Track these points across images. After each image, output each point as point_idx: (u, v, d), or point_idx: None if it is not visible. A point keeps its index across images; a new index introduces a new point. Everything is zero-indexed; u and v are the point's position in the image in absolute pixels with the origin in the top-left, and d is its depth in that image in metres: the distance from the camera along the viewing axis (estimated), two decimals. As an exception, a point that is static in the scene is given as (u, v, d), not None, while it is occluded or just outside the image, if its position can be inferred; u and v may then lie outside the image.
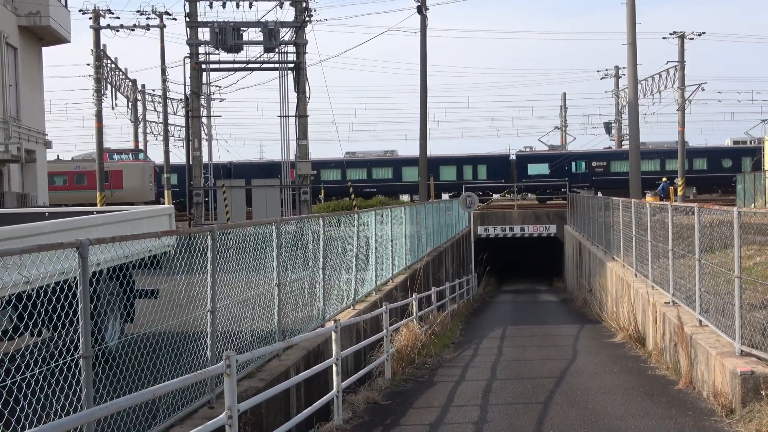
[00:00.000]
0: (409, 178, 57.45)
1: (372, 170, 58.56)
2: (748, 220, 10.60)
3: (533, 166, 58.58)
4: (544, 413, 10.63)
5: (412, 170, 57.17)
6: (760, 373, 9.29)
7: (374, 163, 59.22)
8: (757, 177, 42.10)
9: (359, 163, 58.82)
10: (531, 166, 58.49)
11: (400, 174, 58.62)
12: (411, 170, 57.39)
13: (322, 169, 57.55)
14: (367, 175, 58.56)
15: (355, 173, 57.66)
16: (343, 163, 56.99)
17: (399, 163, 59.23)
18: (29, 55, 30.36)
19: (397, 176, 58.53)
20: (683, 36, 51.56)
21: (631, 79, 34.94)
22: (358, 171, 58.15)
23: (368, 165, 58.71)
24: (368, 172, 58.64)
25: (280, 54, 32.55)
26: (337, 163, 57.97)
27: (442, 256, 28.95)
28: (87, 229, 9.68)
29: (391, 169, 58.90)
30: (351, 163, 58.15)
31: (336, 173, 58.04)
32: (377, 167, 59.07)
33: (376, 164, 59.27)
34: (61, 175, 49.55)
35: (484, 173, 58.06)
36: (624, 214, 20.79)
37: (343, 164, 56.63)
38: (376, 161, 59.55)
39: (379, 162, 59.49)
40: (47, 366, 5.88)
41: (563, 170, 56.94)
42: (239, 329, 9.15)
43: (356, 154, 60.95)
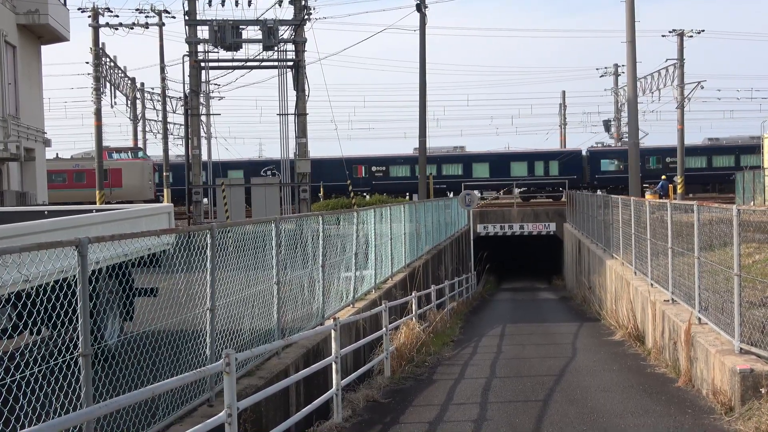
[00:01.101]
0: (479, 174, 57.08)
1: (442, 166, 57.68)
2: (747, 217, 10.61)
3: (606, 162, 57.90)
4: (543, 411, 10.64)
5: (482, 166, 56.80)
6: (759, 370, 9.29)
7: (444, 160, 58.45)
8: (756, 175, 42.11)
9: (429, 159, 58.18)
10: (604, 162, 57.82)
11: (470, 170, 57.85)
12: (481, 166, 57.13)
13: (391, 166, 57.40)
14: (437, 172, 57.53)
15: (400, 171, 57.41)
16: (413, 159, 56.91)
17: (469, 159, 58.60)
18: (28, 54, 30.35)
19: (467, 173, 57.68)
20: (682, 34, 51.56)
21: (631, 77, 34.90)
22: (428, 167, 57.71)
23: (438, 161, 57.84)
24: (438, 169, 57.68)
25: (279, 52, 32.56)
26: (406, 159, 57.69)
27: (441, 255, 28.95)
28: (86, 227, 9.68)
29: (461, 166, 58.17)
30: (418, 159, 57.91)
31: (405, 169, 57.67)
32: (447, 163, 58.29)
33: (446, 160, 58.49)
34: (60, 174, 49.53)
35: (555, 169, 57.40)
36: (623, 212, 20.79)
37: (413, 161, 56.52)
38: (446, 157, 58.76)
39: (449, 158, 58.72)
40: (46, 364, 5.88)
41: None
42: (238, 327, 9.15)
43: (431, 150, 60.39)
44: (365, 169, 57.96)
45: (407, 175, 57.25)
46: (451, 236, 34.04)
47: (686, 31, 51.89)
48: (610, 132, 71.21)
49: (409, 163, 57.26)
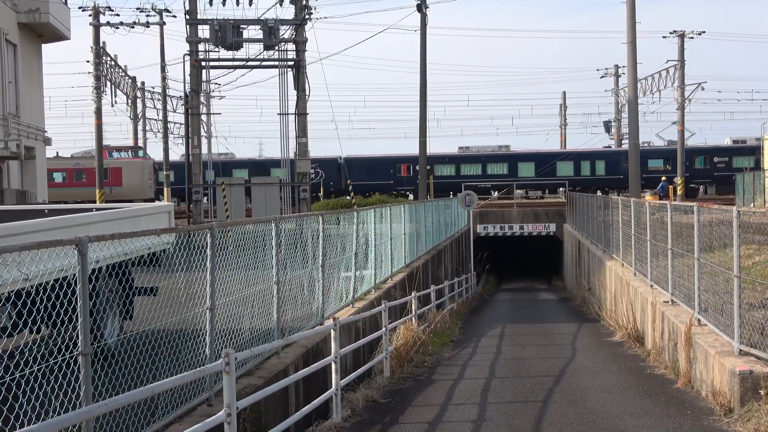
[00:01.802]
0: (524, 173, 56.72)
1: (487, 165, 57.36)
2: (747, 219, 10.60)
3: (653, 161, 57.48)
4: (542, 412, 10.64)
5: (528, 166, 56.51)
6: (758, 372, 9.29)
7: (489, 158, 58.05)
8: (756, 176, 42.11)
9: (473, 158, 57.88)
10: (651, 162, 57.39)
11: (516, 169, 57.48)
12: (527, 166, 56.82)
13: (436, 165, 56.99)
14: (482, 171, 57.35)
15: (469, 168, 57.12)
16: (457, 158, 56.53)
17: (514, 158, 58.18)
18: (29, 52, 30.34)
19: (513, 172, 57.31)
20: (683, 35, 51.57)
21: (631, 78, 34.92)
22: (473, 166, 57.35)
23: (483, 160, 57.61)
24: (483, 168, 57.42)
25: (279, 52, 32.54)
26: (451, 158, 57.45)
27: (441, 255, 28.95)
28: (86, 226, 9.68)
29: (507, 165, 57.77)
30: (465, 158, 57.60)
31: (450, 168, 57.40)
32: (492, 162, 57.87)
33: (491, 159, 58.08)
34: (61, 172, 49.54)
35: (602, 169, 57.04)
36: (623, 213, 20.79)
37: (457, 159, 56.11)
38: (490, 156, 58.34)
39: (493, 157, 58.29)
40: (46, 363, 5.88)
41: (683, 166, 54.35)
42: (238, 327, 9.15)
43: (470, 149, 60.10)
44: (409, 168, 57.52)
45: (452, 174, 56.96)
46: (451, 236, 34.04)
47: (687, 32, 51.92)
48: (611, 133, 71.23)
49: (454, 162, 57.18)
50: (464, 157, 58.00)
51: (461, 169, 56.22)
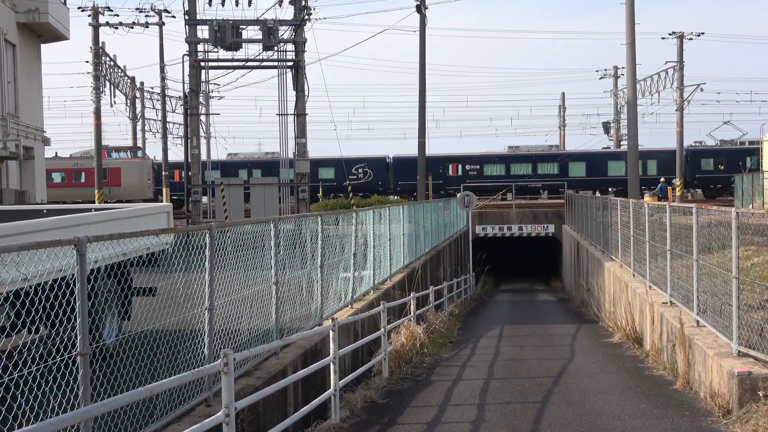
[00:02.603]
0: (575, 173, 56.30)
1: (537, 165, 56.86)
2: (746, 220, 10.61)
3: (706, 161, 56.89)
4: (541, 413, 10.64)
5: (578, 166, 56.13)
6: (757, 373, 9.30)
7: (540, 158, 57.55)
8: (755, 178, 42.11)
9: (524, 158, 57.42)
10: (704, 161, 56.84)
11: (566, 169, 57.04)
12: (578, 166, 56.42)
13: (485, 164, 56.94)
14: (532, 170, 56.91)
15: (519, 168, 56.85)
16: (507, 158, 56.28)
17: (565, 157, 57.82)
18: (28, 52, 30.34)
19: (563, 172, 56.84)
20: (682, 36, 51.61)
21: (630, 79, 34.92)
22: (523, 166, 56.89)
23: (533, 160, 57.19)
24: (533, 167, 56.95)
25: (279, 52, 32.55)
26: (501, 158, 57.31)
27: (440, 256, 28.95)
28: (85, 226, 9.68)
29: (557, 165, 57.27)
30: (515, 158, 57.32)
31: (499, 168, 57.08)
32: (543, 162, 57.37)
33: (542, 159, 57.57)
34: (60, 173, 49.54)
35: (654, 168, 56.43)
36: (622, 214, 20.80)
37: (507, 159, 55.81)
38: (541, 156, 57.87)
39: (544, 157, 57.83)
40: (45, 363, 5.88)
41: (737, 165, 53.79)
42: (237, 327, 9.14)
43: (519, 148, 59.76)
44: (459, 168, 57.33)
45: (501, 174, 56.66)
46: (450, 237, 34.04)
47: (686, 33, 51.97)
48: (610, 134, 71.25)
49: (504, 161, 56.88)
50: (514, 156, 57.48)
51: (511, 169, 55.80)
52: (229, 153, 60.75)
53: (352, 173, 55.56)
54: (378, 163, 57.60)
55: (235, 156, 59.95)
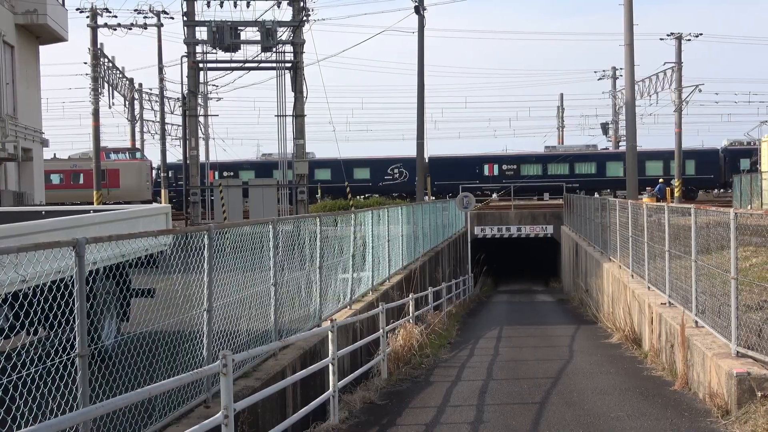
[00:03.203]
0: (613, 173, 55.96)
1: (575, 165, 56.55)
2: (744, 221, 10.61)
3: (745, 160, 56.63)
4: (540, 414, 10.64)
5: (616, 165, 55.71)
6: (755, 374, 9.30)
7: (577, 158, 57.24)
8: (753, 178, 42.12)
9: (561, 158, 57.26)
10: (743, 161, 56.62)
11: (604, 169, 56.83)
12: (615, 165, 56.02)
13: (522, 164, 56.72)
14: (570, 170, 56.69)
15: (556, 168, 56.81)
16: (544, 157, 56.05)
17: (603, 157, 57.59)
18: (26, 54, 30.32)
19: (601, 171, 56.68)
20: (680, 37, 51.62)
21: (629, 80, 34.94)
22: (560, 166, 56.80)
23: (570, 160, 56.93)
24: (570, 167, 56.72)
25: (277, 53, 32.53)
26: (537, 158, 57.18)
27: (438, 257, 28.95)
28: (84, 227, 9.67)
29: (595, 164, 57.08)
30: (552, 157, 57.20)
31: (536, 168, 56.92)
32: (580, 162, 57.06)
33: (579, 159, 57.25)
34: (58, 174, 49.52)
35: (692, 168, 56.26)
36: (620, 215, 20.81)
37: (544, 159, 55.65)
38: (579, 156, 57.52)
39: (581, 156, 57.51)
40: (43, 365, 5.87)
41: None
42: (236, 328, 9.14)
43: (556, 148, 59.68)
44: (496, 168, 57.11)
45: (539, 174, 56.56)
46: (448, 238, 34.04)
47: (684, 34, 51.98)
48: (608, 135, 71.27)
49: (541, 161, 56.76)
50: (551, 156, 57.36)
51: (548, 169, 55.62)
52: (263, 153, 60.44)
53: (387, 173, 55.38)
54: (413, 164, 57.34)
55: (269, 156, 59.64)
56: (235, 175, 56.45)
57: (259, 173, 55.78)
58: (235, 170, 57.18)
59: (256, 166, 58.04)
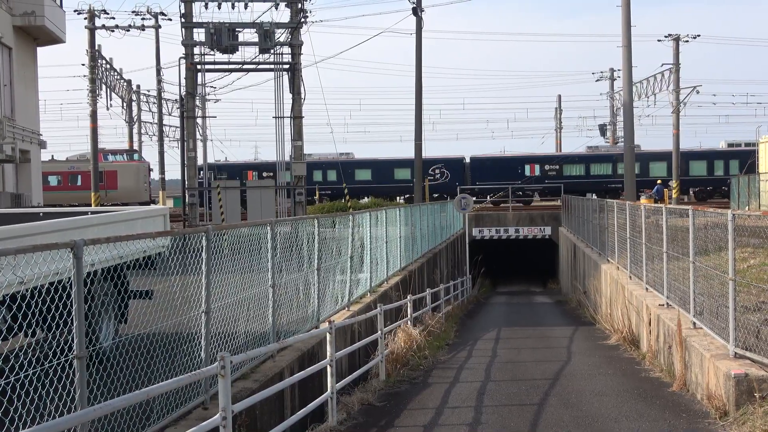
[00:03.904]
0: (656, 173, 55.62)
1: (617, 165, 55.69)
2: (742, 222, 10.62)
3: None
4: (538, 415, 10.64)
5: (659, 165, 55.69)
6: (753, 375, 9.30)
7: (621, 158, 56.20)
8: (751, 180, 42.17)
9: (604, 158, 56.96)
10: None
11: (647, 169, 56.37)
12: (659, 165, 56.02)
13: (564, 164, 56.54)
14: (612, 171, 56.40)
15: (599, 168, 56.60)
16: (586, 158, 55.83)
17: (646, 157, 57.11)
18: (24, 55, 30.30)
19: (644, 171, 55.82)
20: (678, 38, 51.65)
21: (626, 82, 34.95)
22: (603, 166, 56.53)
23: (614, 160, 56.56)
24: (613, 168, 56.38)
25: (275, 55, 32.50)
26: (580, 158, 57.06)
27: (436, 258, 28.95)
28: (81, 229, 9.66)
29: (638, 164, 56.50)
30: (594, 158, 57.02)
31: (579, 168, 56.65)
32: (595, 163, 56.84)
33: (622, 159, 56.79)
34: (56, 176, 49.49)
35: (735, 168, 55.74)
36: (618, 216, 20.82)
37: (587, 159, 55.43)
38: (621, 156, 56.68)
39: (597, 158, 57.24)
40: (41, 366, 5.87)
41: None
42: (234, 330, 9.14)
43: (599, 148, 59.46)
44: (538, 168, 56.90)
45: (581, 174, 56.30)
46: (446, 240, 34.04)
47: (682, 35, 52.00)
48: (606, 136, 71.29)
49: (584, 161, 56.64)
50: (594, 156, 57.23)
51: (591, 169, 55.41)
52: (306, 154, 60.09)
53: (429, 173, 55.21)
54: (455, 164, 57.27)
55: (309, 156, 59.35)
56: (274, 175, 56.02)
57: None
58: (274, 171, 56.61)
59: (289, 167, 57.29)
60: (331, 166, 56.86)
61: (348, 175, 52.16)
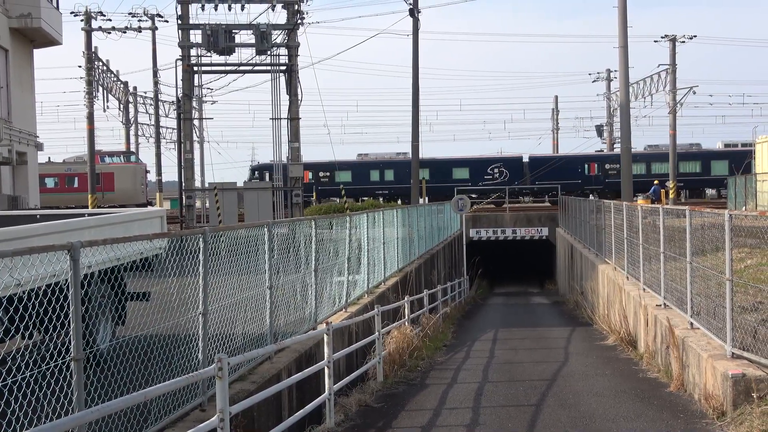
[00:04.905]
0: (718, 171, 55.67)
1: (678, 164, 55.05)
2: (739, 222, 10.63)
3: None
4: (535, 416, 10.64)
5: (721, 164, 55.67)
6: (751, 375, 9.31)
7: (681, 157, 56.05)
8: (748, 180, 42.21)
9: (663, 157, 56.15)
10: None
11: (709, 168, 56.36)
12: (720, 164, 55.93)
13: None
14: (647, 170, 56.31)
15: (659, 167, 56.30)
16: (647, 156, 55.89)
17: (707, 156, 57.03)
18: (20, 57, 30.27)
19: (705, 170, 56.23)
20: (674, 39, 51.69)
21: (623, 82, 34.96)
22: (664, 165, 55.64)
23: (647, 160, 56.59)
24: (648, 168, 56.39)
25: (272, 56, 32.52)
26: (642, 156, 56.82)
27: (434, 259, 28.95)
28: (78, 231, 9.65)
29: (699, 163, 56.67)
30: (655, 156, 56.87)
31: (640, 167, 56.15)
32: (684, 161, 56.30)
33: (683, 158, 56.45)
34: (53, 178, 49.44)
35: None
36: (615, 217, 20.83)
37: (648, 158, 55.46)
38: (682, 155, 56.48)
39: (685, 155, 56.74)
40: (38, 369, 5.86)
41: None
42: (231, 332, 9.13)
43: (659, 147, 59.19)
44: (598, 167, 56.70)
45: (642, 173, 55.86)
46: (443, 241, 34.04)
47: (678, 36, 52.04)
48: (603, 137, 71.34)
49: (645, 160, 56.45)
50: (655, 155, 57.15)
51: (652, 168, 55.31)
52: (359, 153, 59.76)
53: (487, 173, 55.00)
54: (514, 163, 56.98)
55: (365, 156, 59.05)
56: (331, 176, 55.73)
57: (357, 173, 55.06)
58: (331, 170, 56.25)
59: (353, 167, 56.84)
60: (389, 165, 56.57)
61: (405, 175, 51.78)
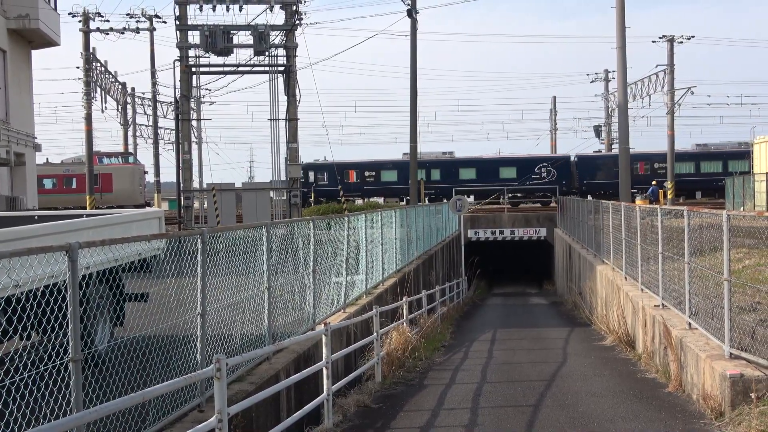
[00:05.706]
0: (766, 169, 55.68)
1: (728, 163, 55.64)
2: (737, 223, 10.64)
3: None
4: (534, 416, 10.65)
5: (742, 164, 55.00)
6: (749, 375, 9.31)
7: (731, 156, 56.38)
8: (746, 180, 42.24)
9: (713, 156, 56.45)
10: None
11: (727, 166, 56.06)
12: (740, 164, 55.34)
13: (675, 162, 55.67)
14: (723, 168, 55.86)
15: (708, 166, 56.21)
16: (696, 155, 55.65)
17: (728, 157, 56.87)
18: (18, 58, 30.25)
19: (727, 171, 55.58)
20: (672, 39, 51.75)
21: (621, 83, 34.99)
22: (713, 164, 56.04)
23: (724, 157, 56.26)
24: (724, 165, 55.96)
25: (270, 57, 32.52)
26: (690, 155, 56.53)
27: (432, 260, 28.95)
28: (76, 232, 9.65)
29: (748, 162, 55.52)
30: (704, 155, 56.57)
31: (689, 166, 55.93)
32: (733, 159, 56.13)
33: (733, 156, 56.50)
34: (51, 179, 49.41)
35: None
36: (614, 217, 20.84)
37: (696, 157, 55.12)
38: (732, 153, 56.71)
39: (735, 154, 56.65)
40: (36, 370, 5.86)
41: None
42: (229, 332, 9.12)
43: (708, 146, 58.92)
44: (647, 166, 56.55)
45: (691, 172, 55.71)
46: (442, 241, 34.05)
47: (676, 37, 52.11)
48: (601, 137, 71.39)
49: (694, 159, 56.10)
50: (703, 154, 56.89)
51: (701, 167, 55.08)
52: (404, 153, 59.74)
53: (534, 173, 54.75)
54: (562, 163, 56.67)
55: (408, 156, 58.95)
56: (377, 175, 55.53)
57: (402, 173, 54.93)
58: (377, 170, 56.03)
59: (398, 166, 56.08)
60: (435, 165, 56.21)
61: (452, 174, 51.52)
